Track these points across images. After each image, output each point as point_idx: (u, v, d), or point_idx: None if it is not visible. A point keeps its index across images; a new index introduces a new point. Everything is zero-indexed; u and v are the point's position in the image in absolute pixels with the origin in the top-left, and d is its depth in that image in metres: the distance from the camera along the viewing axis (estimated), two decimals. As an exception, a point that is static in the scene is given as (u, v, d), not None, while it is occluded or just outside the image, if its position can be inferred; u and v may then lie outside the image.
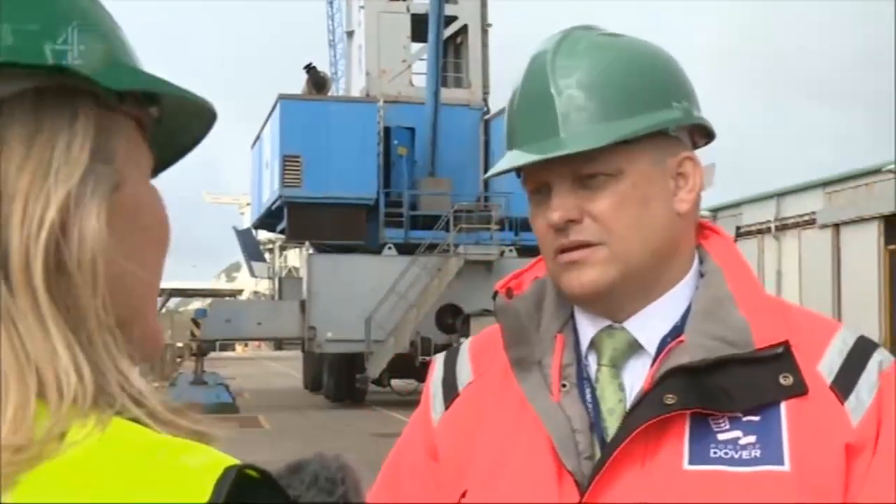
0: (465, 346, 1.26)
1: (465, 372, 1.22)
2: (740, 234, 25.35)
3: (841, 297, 21.25)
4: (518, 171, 1.14)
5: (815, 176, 22.92)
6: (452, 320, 23.09)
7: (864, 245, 20.39)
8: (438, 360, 1.27)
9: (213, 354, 35.16)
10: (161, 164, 0.75)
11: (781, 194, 24.13)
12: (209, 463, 0.60)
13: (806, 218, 22.72)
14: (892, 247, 19.80)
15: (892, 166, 19.41)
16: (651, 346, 1.12)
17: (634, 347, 1.13)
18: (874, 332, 19.45)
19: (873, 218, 20.21)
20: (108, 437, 0.60)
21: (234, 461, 0.60)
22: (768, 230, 24.28)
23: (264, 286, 46.94)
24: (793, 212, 23.40)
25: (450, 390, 1.22)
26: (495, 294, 1.20)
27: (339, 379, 23.62)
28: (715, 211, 27.13)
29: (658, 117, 1.10)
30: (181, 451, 0.61)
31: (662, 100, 1.12)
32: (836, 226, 21.45)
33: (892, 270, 19.92)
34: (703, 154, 1.21)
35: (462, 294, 22.67)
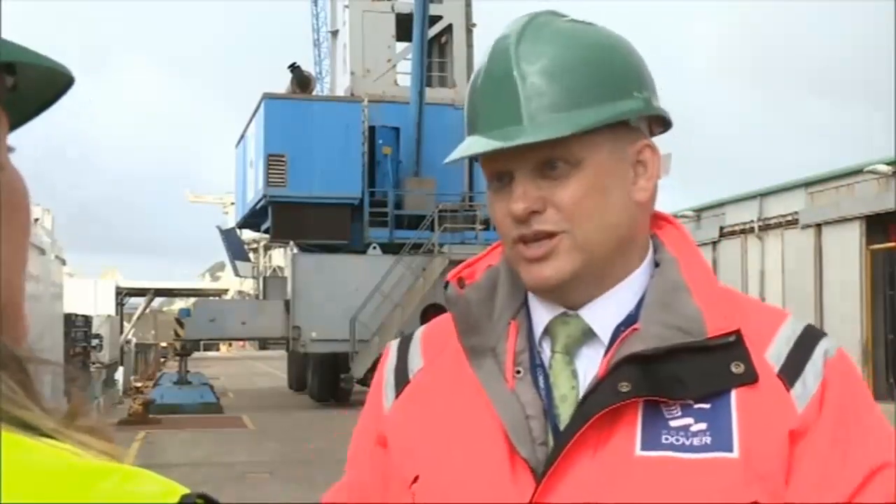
0: (418, 333, 1.27)
1: (416, 359, 1.23)
2: (723, 234, 25.44)
3: (823, 297, 21.33)
4: (477, 157, 1.13)
5: (806, 174, 23.01)
6: (437, 320, 23.08)
7: (846, 245, 20.48)
8: (392, 347, 1.27)
9: (197, 354, 35.08)
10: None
11: (764, 194, 24.21)
12: (163, 491, 0.55)
13: (788, 218, 22.79)
14: (873, 247, 19.90)
15: (873, 166, 19.52)
16: (605, 333, 1.12)
17: (588, 335, 1.13)
18: (856, 332, 19.56)
19: (855, 218, 20.30)
20: (12, 462, 0.52)
21: (185, 489, 0.55)
22: (751, 230, 24.35)
23: (249, 286, 46.81)
24: (775, 212, 23.47)
25: (401, 378, 1.22)
26: (446, 284, 1.20)
27: (324, 379, 23.58)
28: (698, 211, 27.22)
29: (620, 107, 1.10)
30: (125, 479, 0.54)
31: (625, 89, 1.12)
32: (818, 226, 21.54)
33: (874, 270, 20.02)
34: (665, 143, 1.21)
35: (446, 294, 22.66)
